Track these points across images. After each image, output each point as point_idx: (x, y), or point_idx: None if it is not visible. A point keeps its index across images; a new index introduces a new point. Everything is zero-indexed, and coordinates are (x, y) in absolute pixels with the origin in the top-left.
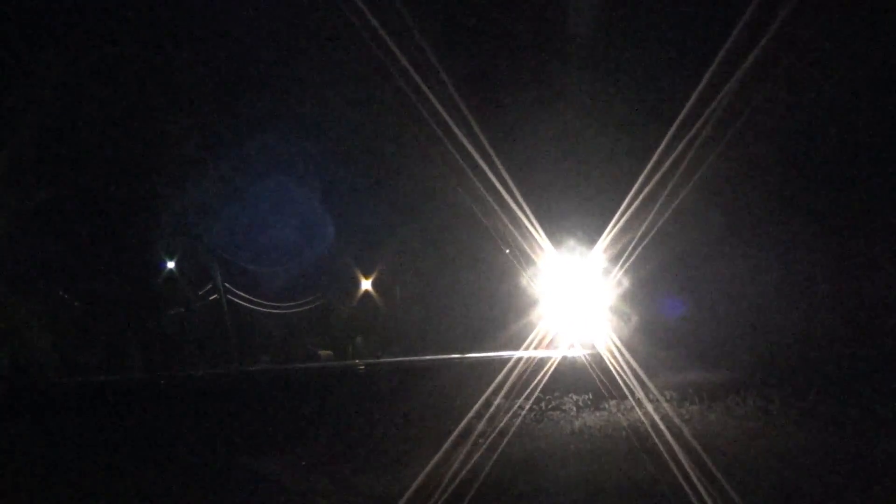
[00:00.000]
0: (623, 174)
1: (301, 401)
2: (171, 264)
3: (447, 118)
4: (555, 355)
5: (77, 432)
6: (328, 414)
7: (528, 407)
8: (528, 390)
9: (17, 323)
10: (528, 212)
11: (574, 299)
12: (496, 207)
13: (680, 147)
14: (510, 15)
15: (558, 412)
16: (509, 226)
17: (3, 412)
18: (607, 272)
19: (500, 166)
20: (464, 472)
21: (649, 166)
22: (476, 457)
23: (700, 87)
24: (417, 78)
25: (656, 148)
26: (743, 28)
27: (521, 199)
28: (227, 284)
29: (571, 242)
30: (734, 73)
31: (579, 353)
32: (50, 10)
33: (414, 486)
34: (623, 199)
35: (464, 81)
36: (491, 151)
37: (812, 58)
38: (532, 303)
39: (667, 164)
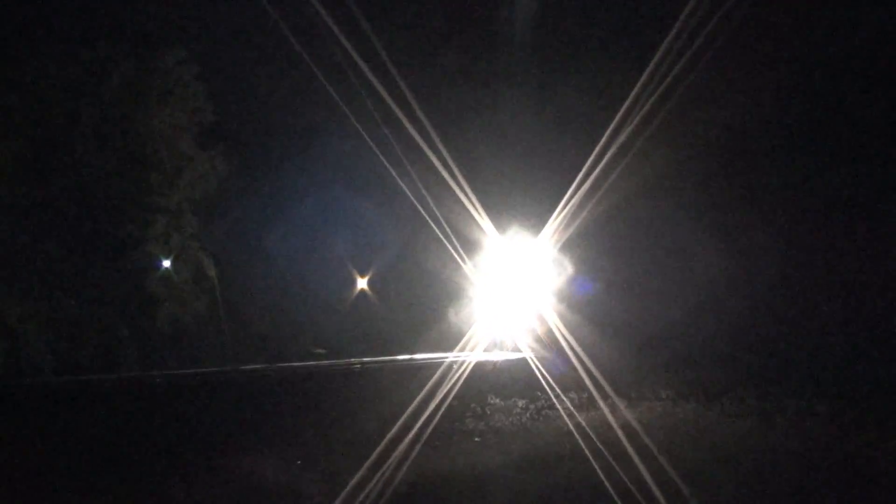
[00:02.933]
0: (570, 163)
1: (295, 399)
2: (167, 263)
3: (393, 106)
4: (494, 358)
5: (72, 431)
6: (320, 411)
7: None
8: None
9: (11, 321)
10: (474, 199)
11: (518, 296)
12: (437, 196)
13: (626, 136)
14: (457, 8)
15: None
16: (452, 213)
17: None
18: (554, 266)
19: (447, 156)
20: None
21: (595, 154)
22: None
23: (643, 78)
24: (369, 73)
25: (601, 137)
26: (688, 17)
27: (466, 188)
28: (223, 283)
29: (516, 235)
30: (674, 67)
31: (526, 355)
32: (47, 7)
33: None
34: (566, 189)
35: (411, 73)
36: (437, 141)
37: (753, 52)
38: (469, 298)
39: (612, 151)
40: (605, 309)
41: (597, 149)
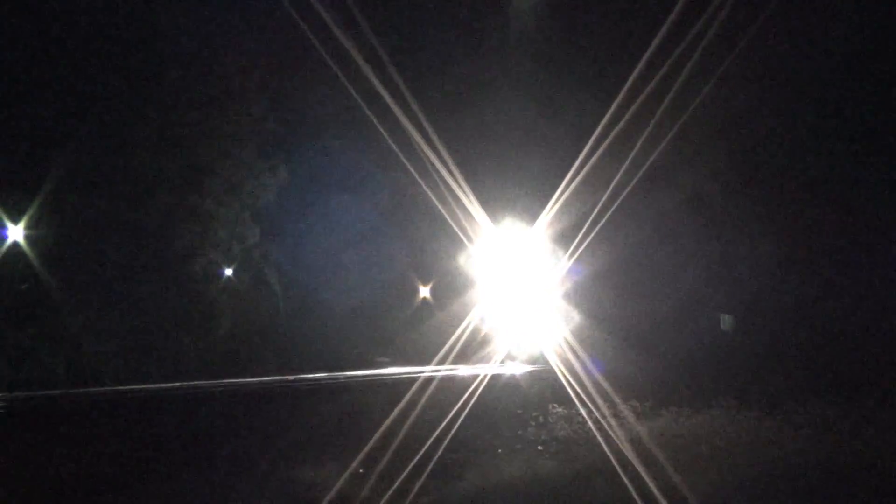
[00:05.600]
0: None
1: (357, 408)
2: (228, 272)
3: (390, 100)
4: (486, 371)
5: (132, 440)
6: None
7: None
8: None
9: (73, 331)
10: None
11: (514, 298)
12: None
13: (620, 128)
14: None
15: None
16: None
17: (60, 420)
18: (555, 266)
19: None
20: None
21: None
22: None
23: (637, 70)
24: (364, 66)
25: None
26: (682, 10)
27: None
28: (284, 291)
29: (510, 230)
30: (669, 58)
31: (520, 368)
32: (104, 12)
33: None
34: (561, 182)
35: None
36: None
37: (748, 46)
38: (459, 300)
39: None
40: (621, 313)
41: (590, 141)
